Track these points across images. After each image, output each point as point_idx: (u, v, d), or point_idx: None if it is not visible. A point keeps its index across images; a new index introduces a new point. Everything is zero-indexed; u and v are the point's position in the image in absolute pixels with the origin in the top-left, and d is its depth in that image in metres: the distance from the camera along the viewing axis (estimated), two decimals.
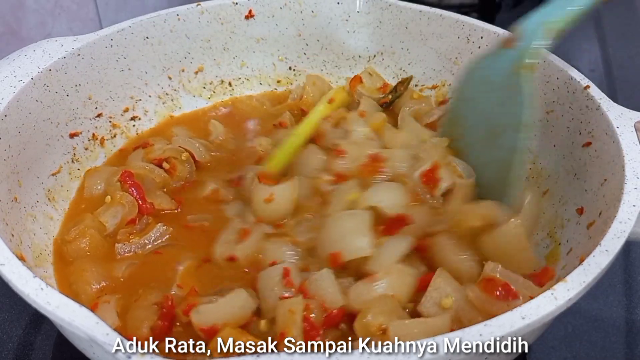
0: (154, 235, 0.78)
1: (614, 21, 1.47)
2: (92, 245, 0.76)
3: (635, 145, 0.70)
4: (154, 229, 0.78)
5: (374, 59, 1.07)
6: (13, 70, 0.79)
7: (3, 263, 0.56)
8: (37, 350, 0.75)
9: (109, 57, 0.93)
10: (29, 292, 0.53)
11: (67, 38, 0.88)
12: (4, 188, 0.72)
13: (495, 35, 0.94)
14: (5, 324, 0.78)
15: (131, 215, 0.80)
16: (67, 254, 0.76)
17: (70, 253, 0.76)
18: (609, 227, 0.61)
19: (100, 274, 0.73)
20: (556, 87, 0.85)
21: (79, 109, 0.89)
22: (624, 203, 0.63)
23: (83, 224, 0.78)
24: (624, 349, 0.76)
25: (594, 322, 0.79)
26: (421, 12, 1.01)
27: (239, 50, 1.07)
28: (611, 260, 0.57)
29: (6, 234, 0.67)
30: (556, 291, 0.54)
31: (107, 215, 0.79)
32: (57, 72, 0.84)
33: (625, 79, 1.26)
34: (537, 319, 0.52)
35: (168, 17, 0.98)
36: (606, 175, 0.71)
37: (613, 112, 0.75)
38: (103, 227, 0.78)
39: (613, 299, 0.82)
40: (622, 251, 0.59)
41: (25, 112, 0.78)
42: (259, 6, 1.04)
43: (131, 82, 0.97)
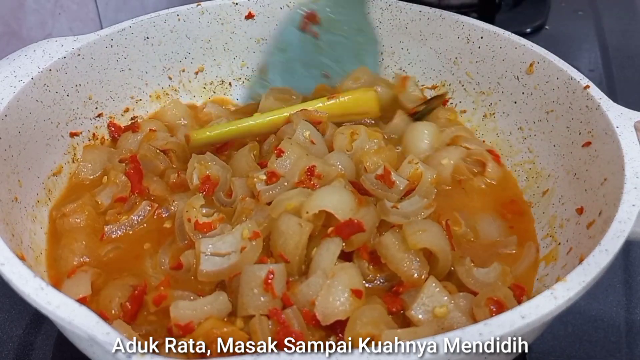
0: (142, 213, 0.79)
1: (614, 21, 1.47)
2: (87, 221, 0.79)
3: (635, 144, 0.70)
4: (140, 206, 0.80)
5: None
6: (13, 70, 0.79)
7: (3, 263, 0.56)
8: (37, 350, 0.75)
9: (109, 57, 0.93)
10: (29, 292, 0.53)
11: (67, 38, 0.88)
12: (4, 188, 0.72)
13: (495, 35, 0.94)
14: (5, 324, 0.78)
15: (122, 193, 0.81)
16: (61, 227, 0.78)
17: (65, 226, 0.78)
18: (609, 227, 0.61)
19: (87, 248, 0.75)
20: (556, 87, 0.85)
21: (79, 108, 0.89)
22: (623, 203, 0.63)
23: (81, 201, 0.80)
24: (624, 349, 0.76)
25: (594, 322, 0.79)
26: (421, 12, 1.01)
27: (239, 51, 1.07)
28: (611, 260, 0.57)
29: (6, 234, 0.67)
30: (556, 291, 0.54)
31: (103, 194, 0.81)
32: (57, 72, 0.84)
33: (625, 79, 1.26)
34: (537, 318, 0.52)
35: (168, 17, 0.98)
36: (606, 174, 0.71)
37: (613, 112, 0.75)
38: (99, 206, 0.81)
39: (613, 299, 0.82)
40: (622, 251, 0.59)
41: (26, 112, 0.78)
42: (259, 6, 1.04)
43: (131, 82, 0.97)
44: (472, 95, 1.00)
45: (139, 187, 0.82)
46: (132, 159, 0.85)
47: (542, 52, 0.88)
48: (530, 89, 0.90)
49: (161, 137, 0.89)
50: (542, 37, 1.37)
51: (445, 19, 0.99)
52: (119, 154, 0.87)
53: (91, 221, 0.79)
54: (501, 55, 0.94)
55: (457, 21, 0.98)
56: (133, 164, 0.84)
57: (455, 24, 0.98)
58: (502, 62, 0.94)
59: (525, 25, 1.38)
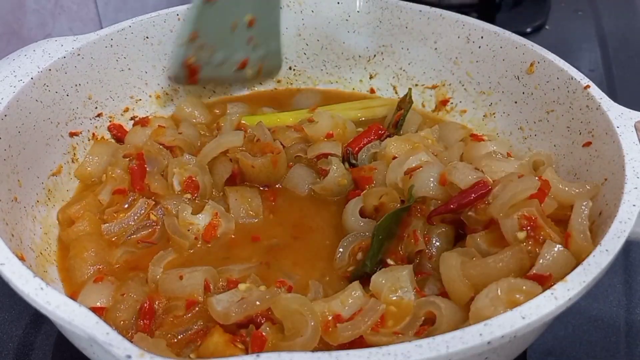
0: (138, 211, 0.79)
1: (614, 21, 1.47)
2: (91, 227, 0.78)
3: (635, 145, 0.70)
4: (136, 205, 0.79)
5: (374, 59, 1.07)
6: (13, 70, 0.79)
7: (3, 263, 0.56)
8: (37, 350, 0.75)
9: (109, 57, 0.93)
10: (29, 292, 0.53)
11: (67, 38, 0.88)
12: (4, 188, 0.72)
13: (495, 35, 0.94)
14: (5, 324, 0.78)
15: (120, 185, 0.81)
16: (66, 237, 0.78)
17: (70, 235, 0.78)
18: (609, 227, 0.61)
19: (97, 255, 0.75)
20: (556, 86, 0.85)
21: (78, 108, 0.89)
22: (624, 203, 0.63)
23: (84, 202, 0.80)
24: (624, 349, 0.76)
25: (594, 322, 0.79)
26: (421, 12, 1.01)
27: None
28: (611, 260, 0.57)
29: (6, 234, 0.67)
30: (556, 291, 0.54)
31: (104, 192, 0.82)
32: (57, 71, 0.84)
33: (625, 79, 1.26)
34: (537, 318, 0.52)
35: (168, 17, 0.98)
36: (606, 175, 0.71)
37: (613, 112, 0.75)
38: (101, 205, 0.81)
39: (613, 299, 0.82)
40: (622, 251, 0.59)
41: (25, 112, 0.78)
42: None
43: (131, 82, 0.97)
44: (472, 95, 0.99)
45: (140, 185, 0.81)
46: (138, 156, 0.84)
47: (542, 52, 0.88)
48: (530, 88, 0.90)
49: (169, 133, 0.89)
50: (542, 37, 1.37)
51: (446, 18, 0.99)
52: (125, 149, 0.87)
53: (95, 226, 0.78)
54: (501, 55, 0.94)
55: (457, 21, 0.98)
56: (138, 160, 0.84)
57: (455, 24, 0.98)
58: (503, 62, 0.94)
59: (525, 25, 1.38)
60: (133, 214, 0.79)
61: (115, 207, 0.80)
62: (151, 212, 0.80)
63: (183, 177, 0.82)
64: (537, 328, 0.53)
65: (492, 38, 0.94)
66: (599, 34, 1.42)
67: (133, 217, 0.79)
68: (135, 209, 0.79)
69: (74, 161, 0.88)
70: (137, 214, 0.79)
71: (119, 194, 0.81)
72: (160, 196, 0.81)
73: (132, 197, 0.81)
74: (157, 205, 0.80)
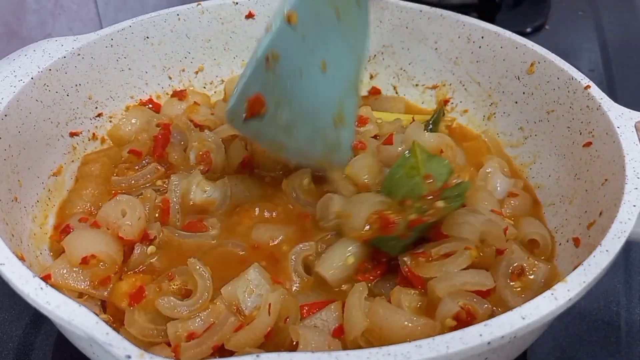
0: (147, 173, 0.84)
1: (614, 21, 1.47)
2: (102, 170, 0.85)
3: (635, 145, 0.70)
4: (148, 167, 0.84)
5: (374, 59, 1.07)
6: (13, 70, 0.79)
7: (3, 263, 0.56)
8: (37, 350, 0.75)
9: (109, 56, 0.93)
10: (29, 292, 0.53)
11: (67, 38, 0.88)
12: (4, 188, 0.72)
13: (495, 35, 0.94)
14: (5, 324, 0.78)
15: (138, 147, 0.86)
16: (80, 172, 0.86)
17: (83, 172, 0.86)
18: (609, 227, 0.61)
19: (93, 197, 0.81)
20: (556, 87, 0.85)
21: (79, 108, 0.89)
22: (624, 203, 0.63)
23: (106, 149, 0.89)
24: (624, 349, 0.76)
25: (594, 322, 0.79)
26: (421, 12, 1.01)
27: (239, 50, 1.07)
28: (611, 260, 0.57)
29: (6, 234, 0.67)
30: (556, 291, 0.54)
31: (126, 149, 0.88)
32: (57, 71, 0.84)
33: (625, 79, 1.26)
34: (537, 319, 0.52)
35: (168, 17, 0.98)
36: (607, 175, 0.71)
37: (614, 112, 0.75)
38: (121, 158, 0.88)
39: (613, 299, 0.82)
40: (622, 251, 0.59)
41: (26, 111, 0.78)
42: (259, 6, 1.04)
43: (131, 82, 0.97)
44: (472, 95, 0.99)
45: (160, 152, 0.85)
46: (164, 126, 0.88)
47: (542, 52, 0.88)
48: (531, 88, 0.90)
49: (202, 112, 0.93)
50: (542, 37, 1.37)
51: (446, 18, 0.99)
52: (159, 118, 0.92)
53: (106, 173, 0.84)
54: (502, 55, 0.94)
55: (457, 21, 0.98)
56: (164, 130, 0.88)
57: (455, 24, 0.98)
58: (503, 62, 0.94)
59: (525, 25, 1.38)
60: (142, 175, 0.84)
61: (128, 164, 0.85)
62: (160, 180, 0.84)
63: (200, 151, 0.85)
64: (537, 328, 0.53)
65: (493, 38, 0.94)
66: (599, 34, 1.42)
67: (142, 178, 0.83)
68: (145, 171, 0.84)
69: (74, 161, 0.88)
70: (146, 176, 0.84)
71: (134, 155, 0.86)
72: (174, 167, 0.85)
73: (147, 160, 0.86)
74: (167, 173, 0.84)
